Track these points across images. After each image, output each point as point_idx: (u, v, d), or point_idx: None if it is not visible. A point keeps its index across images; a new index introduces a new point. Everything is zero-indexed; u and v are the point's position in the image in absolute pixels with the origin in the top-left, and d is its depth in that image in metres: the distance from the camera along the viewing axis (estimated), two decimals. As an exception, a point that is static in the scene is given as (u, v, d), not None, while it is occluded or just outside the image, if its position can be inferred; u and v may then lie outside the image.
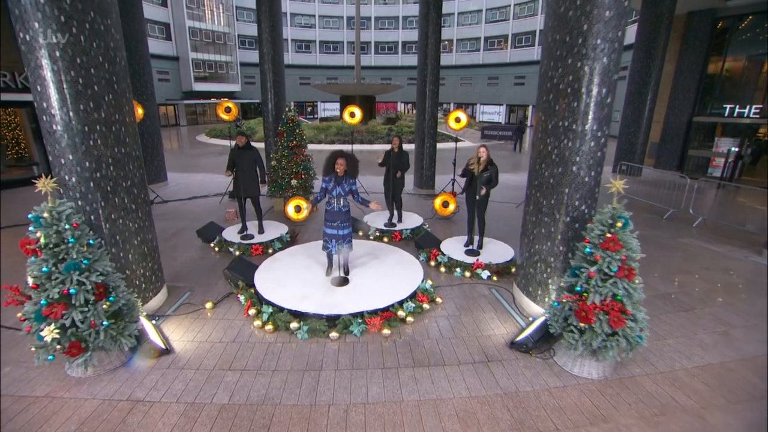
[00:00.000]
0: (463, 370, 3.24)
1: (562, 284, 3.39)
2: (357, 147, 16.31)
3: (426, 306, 4.11)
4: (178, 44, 31.14)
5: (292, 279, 4.36)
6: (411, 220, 6.34)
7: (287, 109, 7.24)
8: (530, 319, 4.02)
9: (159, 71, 29.73)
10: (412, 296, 4.16)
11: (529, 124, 32.95)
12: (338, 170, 3.90)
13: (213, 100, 32.92)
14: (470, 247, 5.31)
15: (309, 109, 38.79)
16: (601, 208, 3.19)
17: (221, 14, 33.41)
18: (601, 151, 3.60)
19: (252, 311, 3.92)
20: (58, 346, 2.71)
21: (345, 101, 23.17)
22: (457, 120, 7.60)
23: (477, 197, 4.92)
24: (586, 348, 3.12)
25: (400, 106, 41.62)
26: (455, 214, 6.98)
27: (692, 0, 10.53)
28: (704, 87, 11.50)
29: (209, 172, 11.23)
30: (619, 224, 2.99)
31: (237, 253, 5.36)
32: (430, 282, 4.51)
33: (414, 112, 36.70)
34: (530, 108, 35.22)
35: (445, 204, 6.92)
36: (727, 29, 10.96)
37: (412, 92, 37.65)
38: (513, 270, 4.92)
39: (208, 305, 4.06)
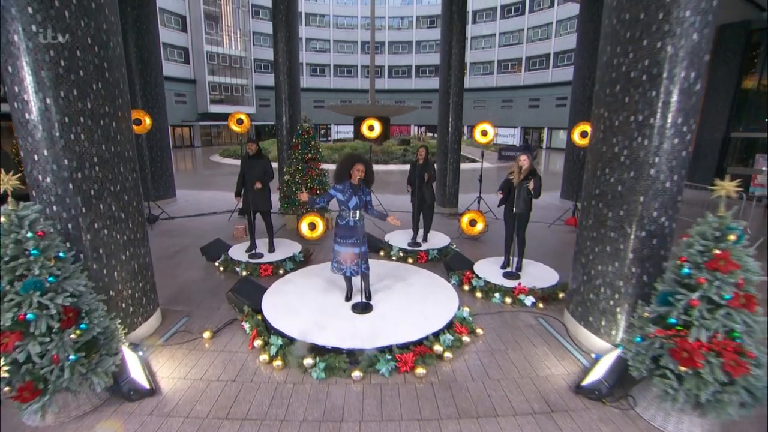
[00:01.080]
0: (522, 422, 2.63)
1: (646, 314, 2.69)
2: (376, 167, 16.18)
3: (465, 338, 3.45)
4: (195, 68, 32.06)
5: (306, 304, 3.78)
6: (436, 240, 5.86)
7: (303, 120, 6.83)
8: (593, 356, 3.31)
9: (176, 93, 30.41)
10: (449, 326, 3.53)
11: (545, 144, 33.04)
12: (356, 178, 3.40)
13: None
14: (508, 270, 4.75)
15: (323, 131, 39.13)
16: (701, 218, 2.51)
17: (238, 39, 34.52)
18: (686, 149, 2.97)
19: (258, 342, 3.30)
20: (7, 388, 2.09)
21: (359, 123, 23.19)
22: (484, 133, 7.18)
23: (515, 210, 4.43)
24: (689, 400, 2.37)
25: (414, 129, 41.86)
26: (484, 233, 6.50)
27: (725, 12, 10.10)
28: (739, 102, 10.92)
29: (220, 190, 11.04)
30: (732, 237, 2.31)
31: (244, 273, 4.80)
32: (467, 309, 3.84)
33: (427, 134, 36.86)
34: (545, 130, 34.87)
35: (473, 222, 6.46)
36: (761, 42, 10.46)
37: (425, 115, 37.80)
38: (561, 296, 4.25)
39: (207, 334, 3.51)
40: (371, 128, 7.56)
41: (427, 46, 42.07)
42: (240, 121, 7.30)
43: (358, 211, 3.45)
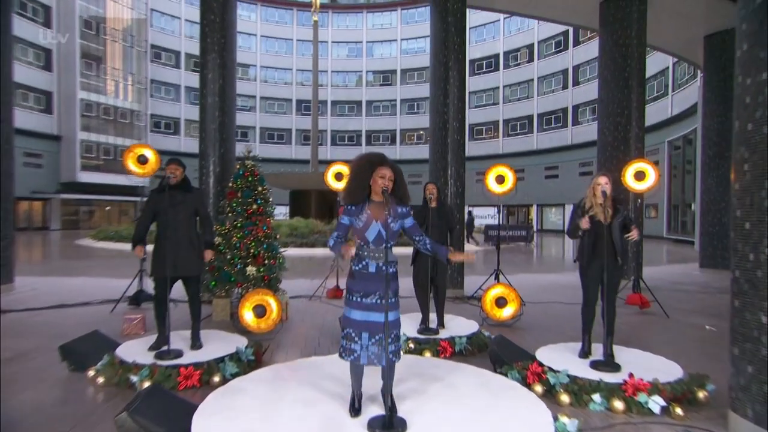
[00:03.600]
0: None
1: None
2: (319, 251, 16.32)
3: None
4: (62, 120, 30.59)
5: (282, 427, 2.78)
6: (457, 326, 5.39)
7: (245, 154, 6.31)
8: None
9: (28, 153, 28.35)
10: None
11: (535, 225, 35.60)
12: (378, 189, 2.95)
13: (106, 197, 31.58)
14: (595, 358, 4.18)
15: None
16: None
17: (129, 87, 34.33)
18: None
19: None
20: None
21: (297, 199, 23.17)
22: (500, 180, 7.16)
23: (619, 260, 4.16)
24: None
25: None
26: (517, 319, 6.11)
27: None
28: None
29: (95, 276, 10.10)
30: None
31: (146, 384, 3.69)
32: (570, 421, 2.99)
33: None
34: (534, 207, 37.12)
35: (501, 302, 6.08)
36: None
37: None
38: (702, 395, 3.59)
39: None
40: (338, 176, 7.60)
41: (380, 107, 45.73)
42: (143, 159, 6.58)
43: (386, 248, 2.88)
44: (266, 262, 6.03)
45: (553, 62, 36.60)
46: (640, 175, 6.86)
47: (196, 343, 4.35)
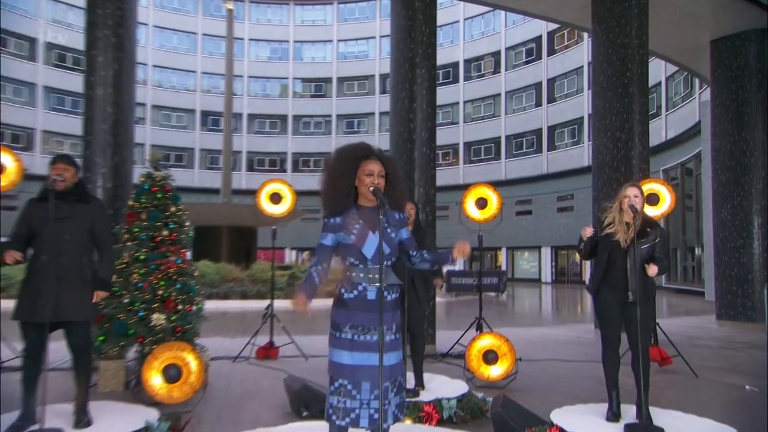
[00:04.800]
0: None
1: None
2: (236, 305, 16.29)
3: None
4: None
5: None
6: (440, 386, 5.44)
7: (149, 160, 6.11)
8: None
9: None
10: None
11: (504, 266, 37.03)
12: (367, 189, 2.99)
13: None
14: (627, 422, 4.24)
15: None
16: None
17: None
18: None
19: None
20: None
21: (203, 237, 22.76)
22: (481, 204, 7.37)
23: (630, 296, 4.27)
24: None
25: (290, 255, 42.27)
26: (512, 378, 6.16)
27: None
28: None
29: None
30: None
31: None
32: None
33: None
34: (503, 250, 38.24)
35: (490, 356, 6.10)
36: None
37: (310, 232, 38.58)
38: None
39: None
40: (275, 198, 7.67)
41: (310, 124, 46.17)
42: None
43: (384, 268, 2.91)
44: (180, 307, 5.70)
45: (524, 74, 38.71)
46: (652, 199, 7.16)
47: (82, 419, 4.01)
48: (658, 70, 26.36)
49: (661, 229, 4.34)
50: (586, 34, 33.75)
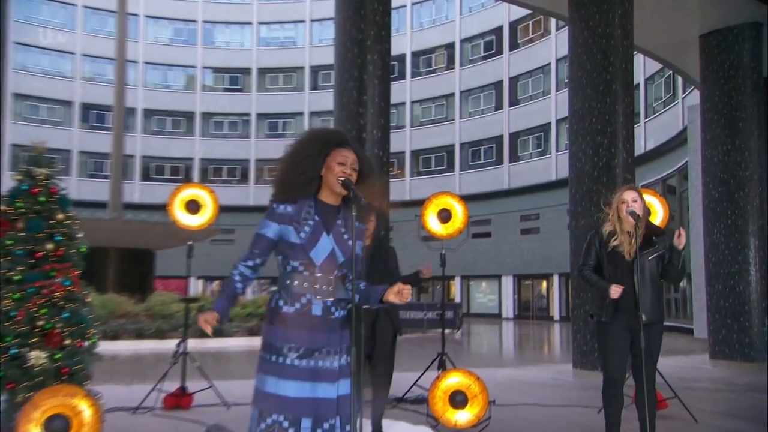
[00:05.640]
0: None
1: None
2: (128, 346, 16.25)
3: None
4: None
5: None
6: None
7: (36, 150, 5.97)
8: None
9: None
10: None
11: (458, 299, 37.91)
12: (336, 180, 3.06)
13: None
14: None
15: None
16: None
17: None
18: None
19: None
20: None
21: (88, 261, 22.50)
22: (444, 216, 7.52)
23: (642, 317, 4.41)
24: None
25: (196, 285, 41.49)
26: (485, 425, 6.24)
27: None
28: None
29: None
30: None
31: None
32: None
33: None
34: (456, 280, 38.81)
35: (459, 398, 6.12)
36: None
37: (225, 254, 38.02)
38: None
39: None
40: (193, 207, 7.50)
41: (223, 124, 45.82)
42: None
43: (333, 280, 3.05)
44: (67, 342, 5.55)
45: (482, 71, 39.94)
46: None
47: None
48: (636, 71, 27.48)
49: (669, 236, 4.51)
50: (554, 27, 35.18)
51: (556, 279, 35.34)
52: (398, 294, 2.96)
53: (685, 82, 24.36)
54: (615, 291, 4.31)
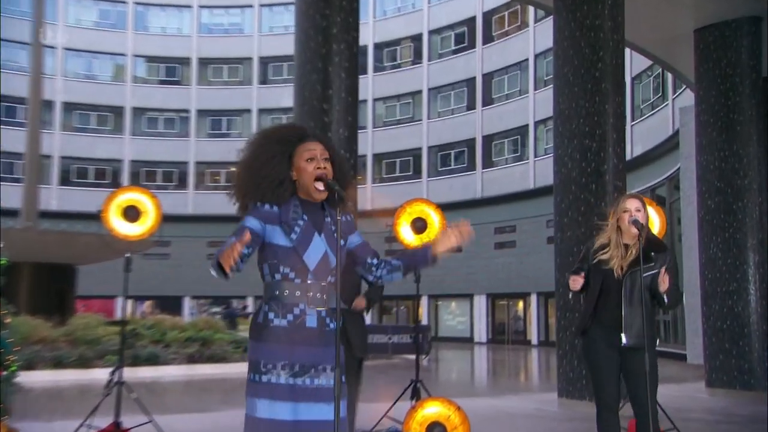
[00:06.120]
0: None
1: None
2: (51, 375, 15.85)
3: None
4: None
5: None
6: None
7: None
8: None
9: None
10: None
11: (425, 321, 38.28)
12: (308, 179, 3.07)
13: None
14: None
15: None
16: None
17: None
18: None
19: None
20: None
21: None
22: (419, 226, 7.76)
23: (625, 340, 4.55)
24: None
25: (123, 306, 40.68)
26: None
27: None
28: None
29: None
30: None
31: None
32: None
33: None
34: (423, 300, 39.03)
35: (436, 430, 6.23)
36: None
37: (153, 273, 37.56)
38: None
39: None
40: (132, 213, 7.48)
41: (158, 121, 45.38)
42: None
43: (327, 286, 3.08)
44: None
45: (453, 66, 40.32)
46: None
47: None
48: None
49: (671, 252, 4.60)
50: (532, 19, 35.65)
51: (534, 299, 35.63)
52: (459, 236, 3.02)
53: (675, 82, 24.70)
54: (573, 280, 4.48)
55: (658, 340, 5.29)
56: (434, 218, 7.60)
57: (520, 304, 37.25)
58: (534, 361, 26.75)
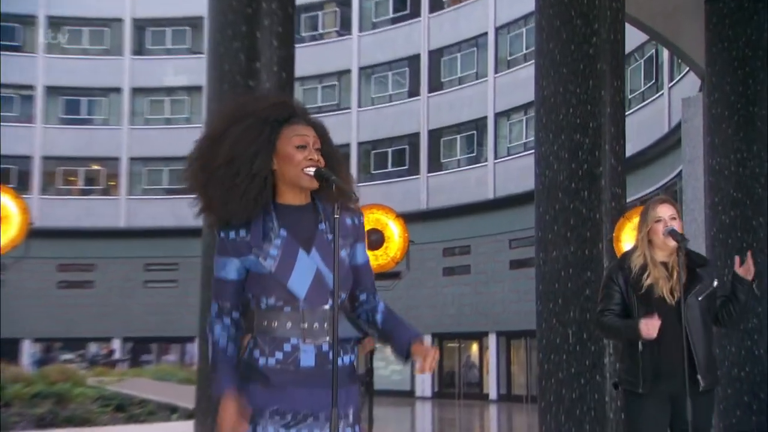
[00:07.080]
0: None
1: None
2: None
3: None
4: None
5: None
6: None
7: None
8: None
9: None
10: None
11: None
12: (296, 173, 3.02)
13: None
14: None
15: None
16: None
17: None
18: None
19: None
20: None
21: None
22: (375, 240, 7.75)
23: (699, 381, 4.57)
24: None
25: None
26: None
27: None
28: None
29: None
30: None
31: None
32: None
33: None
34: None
35: None
36: None
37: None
38: None
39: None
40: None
41: (14, 101, 44.05)
42: None
43: (326, 312, 2.96)
44: None
45: (391, 40, 40.47)
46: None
47: None
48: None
49: (715, 265, 4.74)
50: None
51: (492, 340, 35.84)
52: (430, 360, 2.91)
53: (672, 66, 24.75)
54: (646, 326, 4.34)
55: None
56: (393, 230, 7.52)
57: (474, 347, 37.57)
58: (492, 421, 26.91)
